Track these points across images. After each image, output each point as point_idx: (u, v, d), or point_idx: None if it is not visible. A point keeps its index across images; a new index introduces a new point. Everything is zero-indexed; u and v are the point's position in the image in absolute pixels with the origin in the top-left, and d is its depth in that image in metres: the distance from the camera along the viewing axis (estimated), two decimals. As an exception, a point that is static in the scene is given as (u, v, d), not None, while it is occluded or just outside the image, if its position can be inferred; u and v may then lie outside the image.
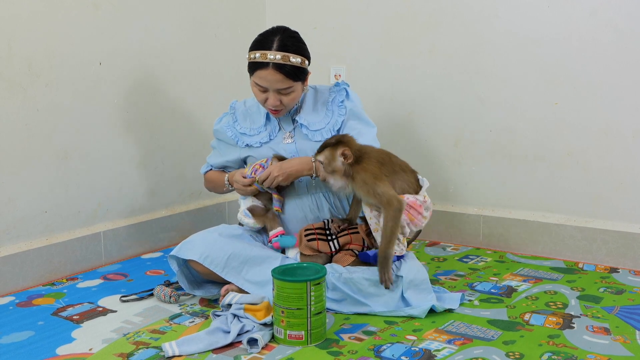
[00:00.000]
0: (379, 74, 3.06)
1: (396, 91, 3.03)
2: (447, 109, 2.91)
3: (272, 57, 2.15)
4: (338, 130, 2.31)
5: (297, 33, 2.27)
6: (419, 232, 2.21)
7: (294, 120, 2.35)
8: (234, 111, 2.43)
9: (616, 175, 2.58)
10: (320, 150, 2.15)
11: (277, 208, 2.29)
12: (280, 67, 2.16)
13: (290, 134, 2.35)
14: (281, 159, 2.30)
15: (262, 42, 2.21)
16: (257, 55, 2.18)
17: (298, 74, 2.20)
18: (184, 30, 2.99)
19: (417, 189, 2.17)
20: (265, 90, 2.21)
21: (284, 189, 2.31)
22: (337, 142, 2.13)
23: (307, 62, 2.24)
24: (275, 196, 2.29)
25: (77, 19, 2.55)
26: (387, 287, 2.07)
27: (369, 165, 2.10)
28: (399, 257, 2.14)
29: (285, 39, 2.20)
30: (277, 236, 2.25)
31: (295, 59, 2.17)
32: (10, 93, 2.37)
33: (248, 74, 2.26)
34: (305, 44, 2.27)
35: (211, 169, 2.49)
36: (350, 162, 2.10)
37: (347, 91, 2.37)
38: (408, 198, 2.10)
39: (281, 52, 2.16)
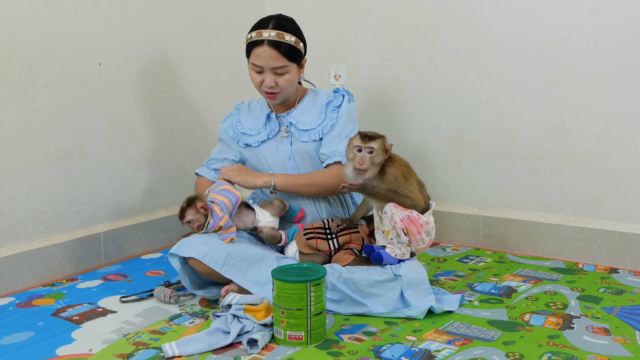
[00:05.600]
0: (379, 74, 3.06)
1: (396, 91, 3.02)
2: (447, 109, 2.91)
3: (267, 34, 2.22)
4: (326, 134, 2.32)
5: (292, 18, 2.34)
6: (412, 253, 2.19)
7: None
8: (237, 112, 2.48)
9: (616, 176, 2.57)
10: (372, 138, 2.10)
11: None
12: (274, 44, 2.22)
13: (287, 129, 2.36)
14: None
15: (259, 23, 2.29)
16: (254, 34, 2.26)
17: (293, 54, 2.25)
18: (184, 30, 2.99)
19: (426, 209, 2.16)
20: (261, 71, 2.25)
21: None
22: (381, 135, 2.13)
23: (301, 44, 2.29)
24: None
25: (77, 19, 2.55)
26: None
27: (400, 164, 2.14)
28: (400, 261, 2.14)
29: (280, 20, 2.28)
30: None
31: (289, 38, 2.24)
32: (10, 93, 2.37)
33: (247, 71, 2.28)
34: (300, 29, 2.32)
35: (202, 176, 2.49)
36: (386, 157, 2.12)
37: (344, 97, 2.37)
38: (412, 212, 2.10)
39: (276, 30, 2.23)
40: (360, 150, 2.10)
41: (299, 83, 2.39)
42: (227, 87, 3.19)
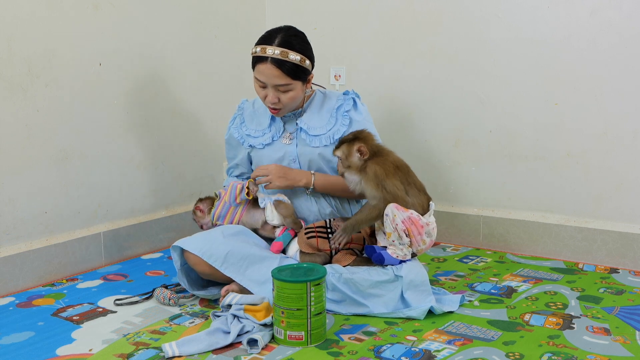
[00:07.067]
0: (378, 75, 3.06)
1: (396, 91, 3.02)
2: (447, 109, 2.91)
3: (270, 52, 2.17)
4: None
5: (302, 33, 2.28)
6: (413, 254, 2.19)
7: (297, 123, 2.35)
8: (241, 112, 2.46)
9: (616, 176, 2.57)
10: (338, 146, 2.16)
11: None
12: (278, 63, 2.17)
13: (290, 135, 2.34)
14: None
15: (265, 37, 2.23)
16: (258, 49, 2.20)
17: (297, 72, 2.20)
18: (184, 30, 2.99)
19: (425, 211, 2.15)
20: (264, 86, 2.22)
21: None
22: (354, 137, 2.13)
23: (307, 61, 2.22)
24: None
25: (77, 19, 2.55)
26: (332, 248, 2.20)
27: (385, 162, 2.11)
28: (402, 261, 2.14)
29: (288, 36, 2.21)
30: (280, 235, 2.27)
31: (294, 56, 2.18)
32: (10, 93, 2.37)
33: (249, 74, 2.27)
34: (309, 45, 2.26)
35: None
36: (366, 158, 2.11)
37: (355, 101, 2.36)
38: (412, 213, 2.09)
39: (280, 48, 2.17)
40: None
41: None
42: (227, 87, 3.19)
